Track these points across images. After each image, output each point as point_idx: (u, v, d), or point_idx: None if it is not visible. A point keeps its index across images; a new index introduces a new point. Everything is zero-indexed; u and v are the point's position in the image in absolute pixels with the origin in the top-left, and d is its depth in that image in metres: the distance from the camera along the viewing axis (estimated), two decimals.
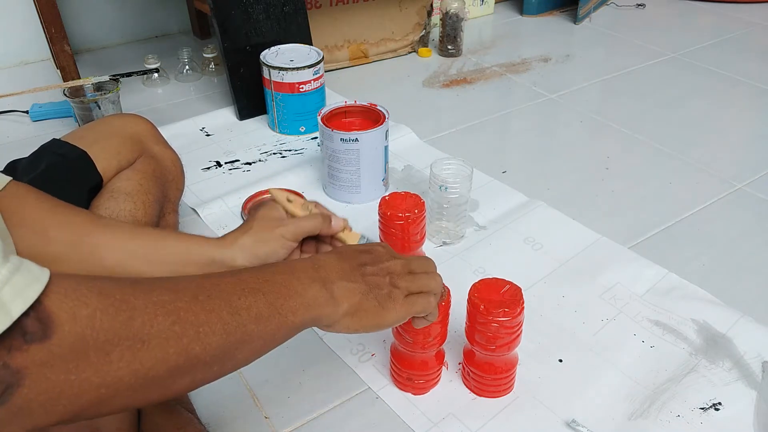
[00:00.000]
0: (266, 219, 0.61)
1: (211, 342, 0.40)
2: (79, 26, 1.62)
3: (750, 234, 0.96)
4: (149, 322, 0.36)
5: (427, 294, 0.56)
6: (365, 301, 0.52)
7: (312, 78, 1.17)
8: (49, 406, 0.32)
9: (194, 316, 0.39)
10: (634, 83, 1.47)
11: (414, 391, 0.69)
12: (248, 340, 0.43)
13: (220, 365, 0.42)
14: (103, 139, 0.74)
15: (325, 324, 0.50)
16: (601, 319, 0.79)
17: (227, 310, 0.41)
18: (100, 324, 0.34)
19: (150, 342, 0.36)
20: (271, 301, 0.45)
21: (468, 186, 0.88)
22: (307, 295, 0.48)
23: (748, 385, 0.70)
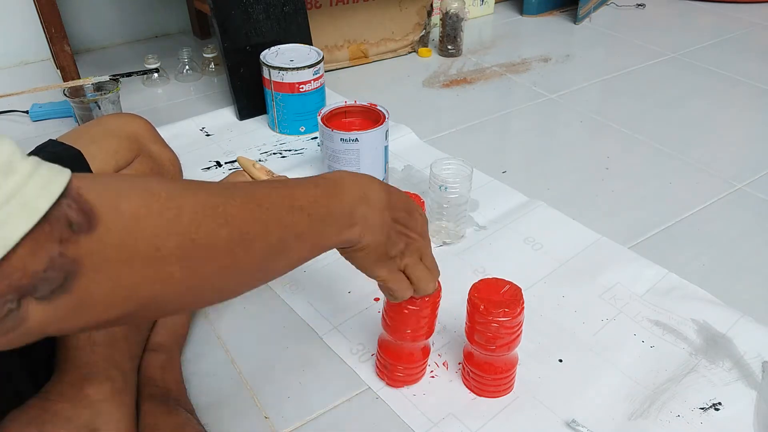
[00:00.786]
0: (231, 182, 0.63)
1: (255, 250, 0.41)
2: (79, 26, 1.62)
3: (750, 234, 0.96)
4: (197, 222, 0.36)
5: (409, 285, 0.58)
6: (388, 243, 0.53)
7: (312, 78, 1.17)
8: (109, 298, 0.33)
9: (242, 222, 0.40)
10: (634, 83, 1.47)
11: (390, 382, 0.69)
12: (287, 252, 0.44)
13: (263, 272, 0.44)
14: (101, 138, 0.74)
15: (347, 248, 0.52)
16: (601, 319, 0.79)
17: (275, 224, 0.42)
18: (145, 219, 0.34)
19: (199, 241, 0.36)
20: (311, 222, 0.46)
21: (468, 186, 0.88)
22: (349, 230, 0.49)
23: (748, 385, 0.70)
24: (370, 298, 0.82)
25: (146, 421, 0.60)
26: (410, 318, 0.63)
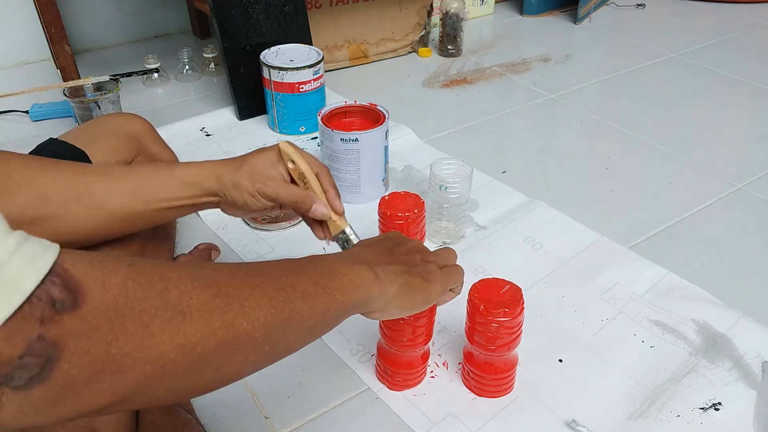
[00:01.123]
0: (256, 169, 0.62)
1: (258, 317, 0.38)
2: (79, 26, 1.62)
3: (750, 234, 0.96)
4: (187, 294, 0.34)
5: (454, 265, 0.58)
6: (411, 279, 0.52)
7: (312, 78, 1.17)
8: (93, 384, 0.30)
9: (236, 290, 0.37)
10: (634, 83, 1.47)
11: (390, 386, 0.69)
12: (297, 318, 0.41)
13: (271, 345, 0.39)
14: (101, 138, 0.74)
15: (377, 308, 0.50)
16: (601, 319, 0.79)
17: (271, 286, 0.40)
18: (133, 293, 0.31)
19: (191, 314, 0.34)
20: (316, 280, 0.44)
21: (468, 186, 0.88)
22: (353, 274, 0.47)
23: (748, 385, 0.70)
24: None
25: (146, 421, 0.59)
26: (406, 328, 0.63)
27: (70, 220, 0.56)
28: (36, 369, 0.28)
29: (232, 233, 0.94)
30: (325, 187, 0.65)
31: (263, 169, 0.62)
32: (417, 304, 0.53)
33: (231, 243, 0.92)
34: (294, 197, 0.63)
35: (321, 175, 0.65)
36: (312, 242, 0.92)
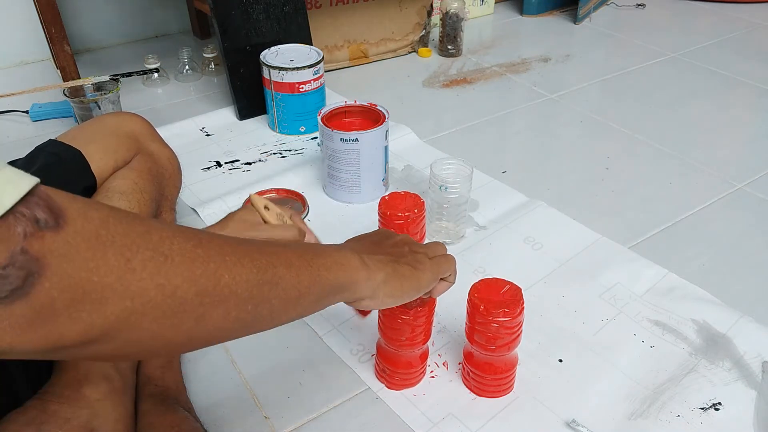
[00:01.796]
0: (242, 221, 0.61)
1: (240, 273, 0.37)
2: (79, 26, 1.62)
3: (750, 234, 0.96)
4: (168, 239, 0.34)
5: (444, 255, 0.58)
6: (399, 266, 0.52)
7: (312, 78, 1.17)
8: (73, 311, 0.30)
9: (218, 246, 0.37)
10: (634, 83, 1.47)
11: (390, 386, 0.69)
12: (281, 283, 0.40)
13: (254, 305, 0.39)
14: (100, 137, 0.74)
15: (365, 295, 0.50)
16: (601, 319, 0.79)
17: (254, 248, 0.40)
18: (114, 228, 0.32)
19: (173, 257, 0.34)
20: (300, 254, 0.43)
21: (468, 186, 0.88)
22: (338, 255, 0.47)
23: (748, 385, 0.70)
24: None
25: (145, 420, 0.60)
26: (405, 327, 0.63)
27: None
28: (18, 281, 0.28)
29: None
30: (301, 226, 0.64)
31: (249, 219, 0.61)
32: (407, 292, 0.53)
33: None
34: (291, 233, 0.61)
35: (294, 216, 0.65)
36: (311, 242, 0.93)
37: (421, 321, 0.63)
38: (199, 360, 0.74)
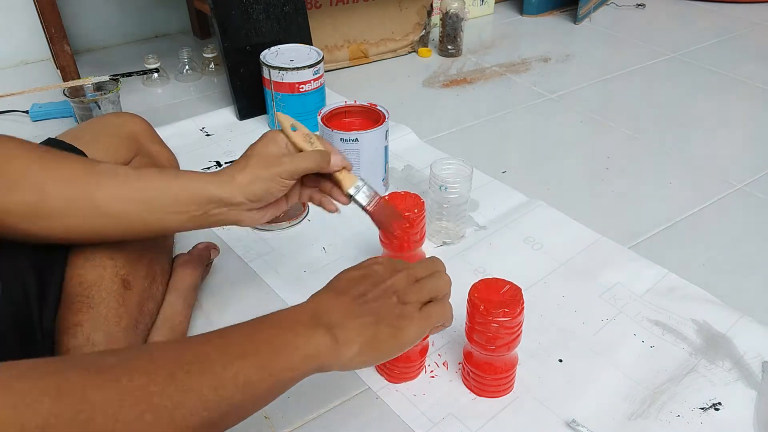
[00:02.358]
0: (263, 156, 0.60)
1: (188, 423, 0.38)
2: (79, 26, 1.62)
3: (750, 234, 0.96)
4: (113, 417, 0.34)
5: (440, 300, 0.55)
6: (378, 331, 0.50)
7: (312, 78, 1.17)
8: None
9: (168, 399, 0.37)
10: (634, 83, 1.47)
11: (389, 378, 0.70)
12: (234, 410, 0.41)
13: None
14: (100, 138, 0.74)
15: (335, 369, 0.49)
16: (601, 319, 0.79)
17: (208, 386, 0.39)
18: (54, 429, 0.32)
19: None
20: (262, 364, 0.43)
21: (468, 186, 0.88)
22: (307, 347, 0.46)
23: (748, 385, 0.70)
24: None
25: None
26: None
27: (67, 220, 0.55)
28: None
29: (232, 233, 0.94)
30: (327, 147, 0.65)
31: (269, 152, 0.61)
32: (385, 355, 0.51)
33: (231, 243, 0.92)
34: (314, 159, 0.62)
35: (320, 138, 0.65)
36: (312, 242, 0.93)
37: None
38: None
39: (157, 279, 0.70)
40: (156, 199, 0.57)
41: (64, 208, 0.54)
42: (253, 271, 0.87)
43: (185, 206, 0.58)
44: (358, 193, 0.65)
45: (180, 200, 0.58)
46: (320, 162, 0.62)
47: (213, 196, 0.58)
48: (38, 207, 0.53)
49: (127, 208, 0.57)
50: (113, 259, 0.63)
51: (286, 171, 0.60)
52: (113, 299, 0.62)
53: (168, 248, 0.77)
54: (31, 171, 0.53)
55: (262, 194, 0.60)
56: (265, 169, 0.60)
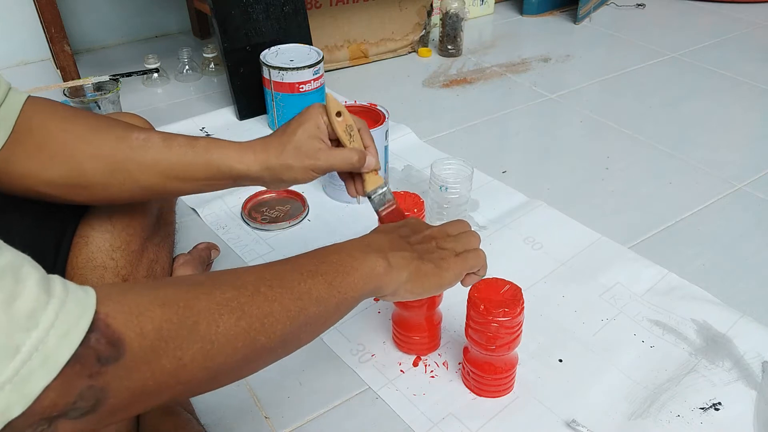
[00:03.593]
0: (301, 145, 0.61)
1: (275, 330, 0.42)
2: (79, 26, 1.62)
3: (750, 234, 0.96)
4: (215, 323, 0.38)
5: (474, 250, 0.59)
6: (422, 265, 0.53)
7: (312, 78, 1.17)
8: (133, 407, 0.36)
9: (258, 308, 0.41)
10: (634, 83, 1.47)
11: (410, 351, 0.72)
12: (311, 321, 0.45)
13: (284, 348, 0.44)
14: None
15: (387, 293, 0.52)
16: (601, 319, 0.79)
17: (289, 297, 0.43)
18: (168, 334, 0.36)
19: (218, 341, 0.38)
20: (330, 280, 0.47)
21: (468, 186, 0.88)
22: (364, 268, 0.50)
23: (748, 385, 0.70)
24: (370, 299, 0.82)
25: (147, 421, 0.59)
26: None
27: (105, 191, 0.58)
28: (87, 408, 0.33)
29: (232, 233, 0.94)
30: (367, 142, 0.65)
31: (308, 143, 0.61)
32: (427, 289, 0.54)
33: (231, 243, 0.92)
34: (350, 160, 0.63)
35: (362, 129, 0.65)
36: (312, 242, 0.93)
37: None
38: None
39: None
40: (186, 173, 0.60)
41: (102, 181, 0.57)
42: None
43: (216, 179, 0.61)
44: (374, 196, 0.66)
45: (210, 174, 0.60)
46: (354, 164, 0.63)
47: (241, 173, 0.60)
48: (79, 181, 0.56)
49: (161, 181, 0.59)
50: (114, 260, 0.63)
51: (319, 167, 0.62)
52: None
53: (168, 248, 0.77)
54: (69, 146, 0.56)
55: (290, 181, 0.63)
56: (300, 160, 0.61)
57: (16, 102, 0.54)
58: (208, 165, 0.60)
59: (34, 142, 0.54)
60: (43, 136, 0.55)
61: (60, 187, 0.56)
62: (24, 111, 0.54)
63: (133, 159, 0.58)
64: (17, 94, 0.55)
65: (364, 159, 0.63)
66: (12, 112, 0.54)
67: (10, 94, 0.54)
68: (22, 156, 0.54)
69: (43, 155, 0.54)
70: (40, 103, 0.56)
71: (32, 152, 0.54)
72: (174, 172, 0.59)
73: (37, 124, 0.55)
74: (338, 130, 0.63)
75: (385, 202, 0.67)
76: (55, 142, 0.55)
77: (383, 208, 0.66)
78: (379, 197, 0.66)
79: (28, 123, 0.54)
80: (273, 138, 0.62)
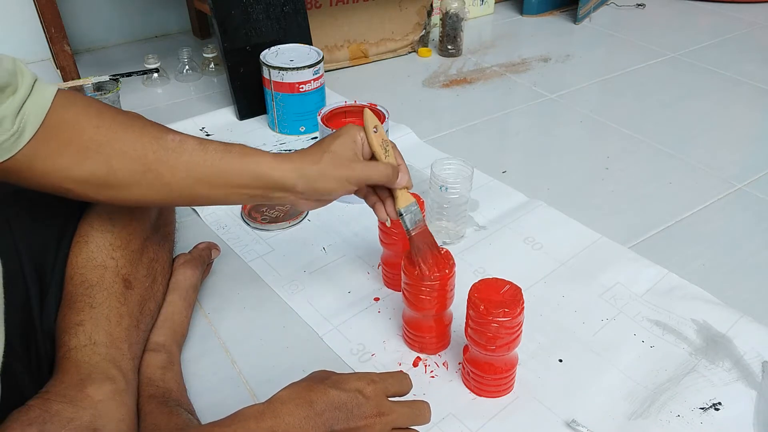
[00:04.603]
0: (338, 155, 0.61)
1: None
2: (79, 26, 1.62)
3: (750, 234, 0.96)
4: None
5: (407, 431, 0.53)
6: None
7: (312, 78, 1.17)
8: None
9: None
10: (634, 83, 1.47)
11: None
12: None
13: None
14: None
15: None
16: (601, 319, 0.79)
17: None
18: None
19: None
20: None
21: (468, 186, 0.88)
22: None
23: (748, 385, 0.70)
24: (370, 298, 0.82)
25: (147, 422, 0.60)
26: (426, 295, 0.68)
27: (134, 191, 0.57)
28: None
29: (232, 233, 0.94)
30: (399, 161, 0.65)
31: (344, 153, 0.61)
32: None
33: (231, 243, 0.92)
34: (384, 174, 0.62)
35: (394, 149, 0.66)
36: (312, 241, 0.93)
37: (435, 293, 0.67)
38: (199, 360, 0.74)
39: (157, 279, 0.70)
40: (219, 179, 0.59)
41: (131, 181, 0.56)
42: (253, 271, 0.87)
43: (248, 187, 0.60)
44: (407, 215, 0.67)
45: (243, 181, 0.59)
46: (390, 178, 0.63)
47: (277, 183, 0.60)
48: (107, 179, 0.55)
49: (192, 185, 0.58)
50: (114, 259, 0.63)
51: (355, 178, 0.61)
52: (114, 299, 0.62)
53: (169, 248, 0.77)
54: (101, 143, 0.55)
55: (325, 192, 0.62)
56: (336, 170, 0.61)
57: (45, 96, 0.53)
58: (243, 171, 0.59)
59: (64, 137, 0.53)
60: (74, 131, 0.54)
61: (86, 184, 0.55)
62: (54, 105, 0.53)
63: (166, 161, 0.57)
64: (46, 87, 0.54)
65: (398, 172, 0.63)
66: (41, 107, 0.53)
67: (37, 87, 0.53)
68: (49, 151, 0.53)
69: (72, 150, 0.54)
70: (71, 96, 0.55)
71: (62, 148, 0.53)
72: (207, 177, 0.58)
73: (70, 118, 0.54)
74: (374, 144, 0.63)
75: (416, 221, 0.67)
76: (87, 137, 0.54)
77: (414, 227, 0.67)
78: (411, 215, 0.67)
79: (59, 117, 0.53)
80: (310, 148, 0.62)
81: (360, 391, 0.51)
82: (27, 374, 0.56)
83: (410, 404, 0.54)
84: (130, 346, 0.62)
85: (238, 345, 0.76)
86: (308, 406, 0.48)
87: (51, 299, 0.60)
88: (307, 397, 0.49)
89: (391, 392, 0.54)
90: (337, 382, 0.51)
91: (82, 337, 0.58)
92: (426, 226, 0.68)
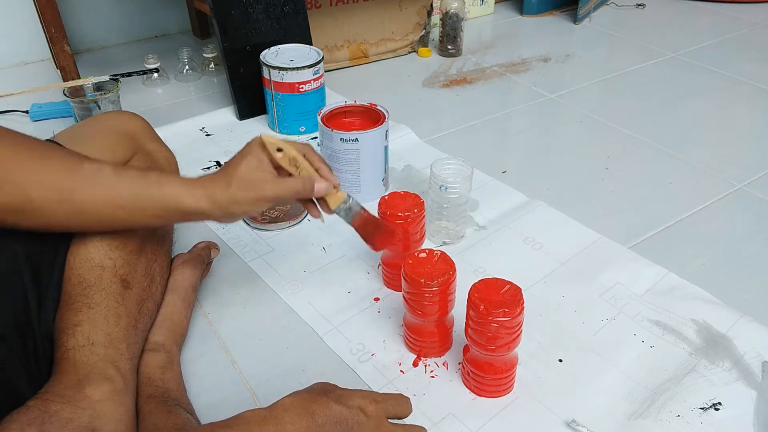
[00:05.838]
0: (246, 179, 0.62)
1: None
2: (79, 26, 1.62)
3: (750, 234, 0.96)
4: None
5: None
6: None
7: (312, 78, 1.17)
8: None
9: None
10: (634, 83, 1.47)
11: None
12: None
13: None
14: (99, 136, 0.74)
15: None
16: (601, 319, 0.79)
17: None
18: None
19: None
20: None
21: (468, 186, 0.88)
22: None
23: (748, 385, 0.70)
24: (370, 298, 0.82)
25: (146, 421, 0.59)
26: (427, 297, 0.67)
27: (51, 218, 0.57)
28: None
29: (232, 233, 0.94)
30: (316, 165, 0.66)
31: (252, 176, 0.62)
32: None
33: (231, 243, 0.92)
34: (295, 189, 0.63)
35: (308, 154, 0.66)
36: (312, 242, 0.93)
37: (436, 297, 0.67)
38: (199, 360, 0.74)
39: (156, 278, 0.70)
40: (134, 205, 0.60)
41: (47, 209, 0.57)
42: (253, 271, 0.87)
43: (163, 214, 0.61)
44: (341, 212, 0.68)
45: (159, 208, 0.60)
46: (302, 193, 0.64)
47: (192, 210, 0.61)
48: (23, 207, 0.56)
49: (107, 211, 0.59)
50: (112, 259, 0.63)
51: (266, 198, 0.62)
52: (112, 299, 0.62)
53: (167, 248, 0.77)
54: (16, 173, 0.55)
55: (241, 215, 0.63)
56: (246, 193, 0.61)
57: None
58: (158, 198, 0.60)
59: None
60: None
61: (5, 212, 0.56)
62: None
63: (81, 189, 0.58)
64: None
65: (311, 187, 0.64)
66: None
67: None
68: None
69: None
70: None
71: None
72: (123, 205, 0.59)
73: None
74: (283, 165, 0.64)
75: (353, 213, 0.68)
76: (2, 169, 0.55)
77: (354, 218, 0.69)
78: (345, 211, 0.68)
79: None
80: (219, 173, 0.63)
81: (362, 409, 0.52)
82: (26, 375, 0.56)
83: (408, 428, 0.57)
84: (129, 346, 0.62)
85: (238, 345, 0.76)
86: (310, 417, 0.49)
87: (49, 300, 0.60)
88: (310, 408, 0.50)
89: (392, 414, 0.55)
90: (341, 397, 0.52)
91: (80, 338, 0.58)
92: (364, 211, 0.68)
